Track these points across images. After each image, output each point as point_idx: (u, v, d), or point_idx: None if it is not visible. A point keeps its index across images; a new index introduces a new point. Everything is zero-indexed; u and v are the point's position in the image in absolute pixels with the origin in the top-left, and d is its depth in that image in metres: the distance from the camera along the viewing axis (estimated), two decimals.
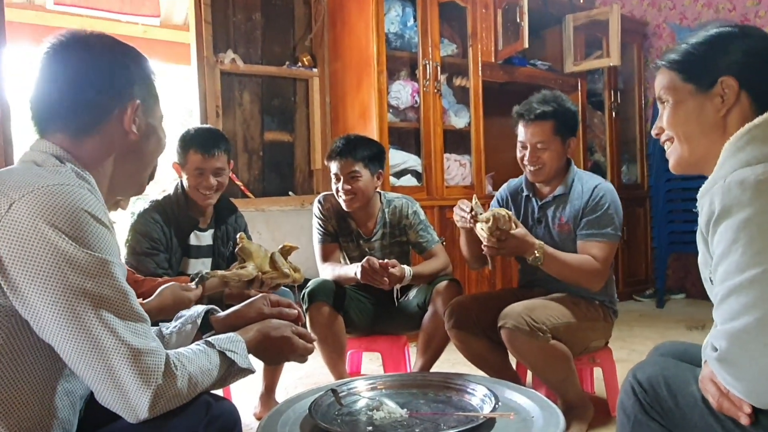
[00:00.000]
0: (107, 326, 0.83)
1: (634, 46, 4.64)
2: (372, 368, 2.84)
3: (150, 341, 0.88)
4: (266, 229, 3.46)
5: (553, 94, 2.05)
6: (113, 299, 0.84)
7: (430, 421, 1.38)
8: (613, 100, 4.46)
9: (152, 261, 1.98)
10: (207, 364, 0.94)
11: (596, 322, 2.02)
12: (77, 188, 0.85)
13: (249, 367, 1.02)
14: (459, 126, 3.66)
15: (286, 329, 1.16)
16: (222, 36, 3.46)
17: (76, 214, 0.82)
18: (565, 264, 1.93)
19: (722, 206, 0.90)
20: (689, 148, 1.07)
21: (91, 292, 0.82)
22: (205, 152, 2.05)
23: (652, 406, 1.02)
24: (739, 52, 1.01)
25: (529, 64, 4.01)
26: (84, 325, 0.82)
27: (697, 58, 1.05)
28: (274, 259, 1.74)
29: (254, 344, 1.09)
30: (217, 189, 2.10)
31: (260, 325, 1.14)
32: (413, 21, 3.48)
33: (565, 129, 2.02)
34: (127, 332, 0.85)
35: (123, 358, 0.83)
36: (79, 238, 0.82)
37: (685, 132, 1.06)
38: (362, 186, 2.26)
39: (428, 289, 2.28)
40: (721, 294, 0.90)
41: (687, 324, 3.60)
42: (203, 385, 0.93)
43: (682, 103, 1.06)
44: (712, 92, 1.03)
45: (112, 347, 0.83)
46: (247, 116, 3.57)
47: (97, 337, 0.82)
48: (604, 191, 2.00)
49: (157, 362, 0.86)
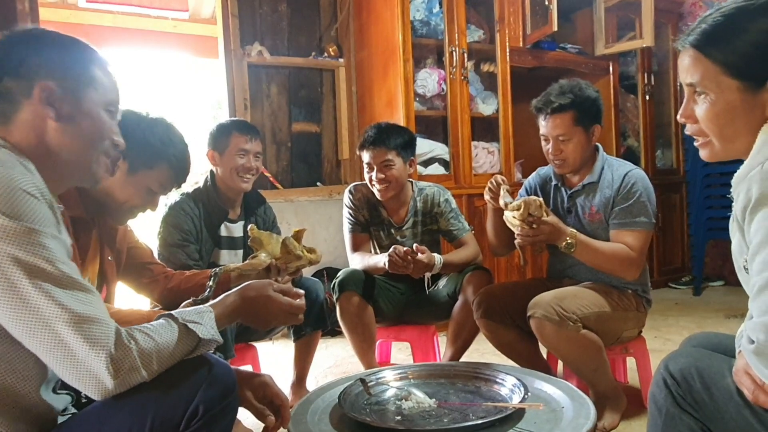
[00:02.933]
0: (46, 294, 0.83)
1: (668, 26, 4.49)
2: (401, 357, 2.86)
3: (96, 310, 0.86)
4: (295, 219, 3.49)
5: (570, 83, 1.99)
6: (49, 269, 0.84)
7: (458, 411, 1.38)
8: (647, 83, 4.34)
9: (183, 252, 2.03)
10: (166, 337, 0.93)
11: (628, 312, 1.98)
12: (10, 169, 0.87)
13: (213, 337, 0.99)
14: (487, 113, 3.62)
15: (267, 288, 1.14)
16: (249, 28, 3.48)
17: (6, 190, 0.84)
18: (598, 252, 1.89)
19: (760, 193, 0.86)
20: (731, 146, 0.99)
21: (25, 261, 0.82)
22: (249, 135, 2.18)
23: (685, 398, 0.99)
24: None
25: (559, 48, 3.93)
26: (21, 294, 0.82)
27: (742, 50, 0.94)
28: (285, 243, 1.76)
29: (234, 308, 1.09)
30: (255, 173, 2.19)
31: (238, 289, 1.13)
32: (439, 8, 3.44)
33: (586, 118, 1.97)
34: (69, 299, 0.84)
35: (66, 325, 0.83)
36: (9, 211, 0.83)
37: (728, 131, 0.98)
38: (396, 174, 2.28)
39: (458, 278, 2.27)
40: (759, 285, 0.87)
41: (725, 313, 3.50)
42: (163, 358, 0.91)
43: (726, 101, 0.96)
44: (762, 89, 0.94)
45: (53, 314, 0.82)
46: (274, 108, 3.60)
47: (37, 305, 0.82)
48: (636, 179, 1.95)
49: (106, 331, 0.85)
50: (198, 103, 4.03)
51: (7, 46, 0.97)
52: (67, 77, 0.99)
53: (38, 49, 0.98)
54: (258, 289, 1.14)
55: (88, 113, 1.02)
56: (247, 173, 2.15)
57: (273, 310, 1.14)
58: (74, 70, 1.01)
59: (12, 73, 0.96)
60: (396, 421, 1.35)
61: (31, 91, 0.96)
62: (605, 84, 4.14)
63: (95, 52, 1.05)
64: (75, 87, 1.00)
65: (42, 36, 1.01)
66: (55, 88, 0.97)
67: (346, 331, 2.26)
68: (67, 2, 3.66)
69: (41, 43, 0.99)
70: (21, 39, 0.98)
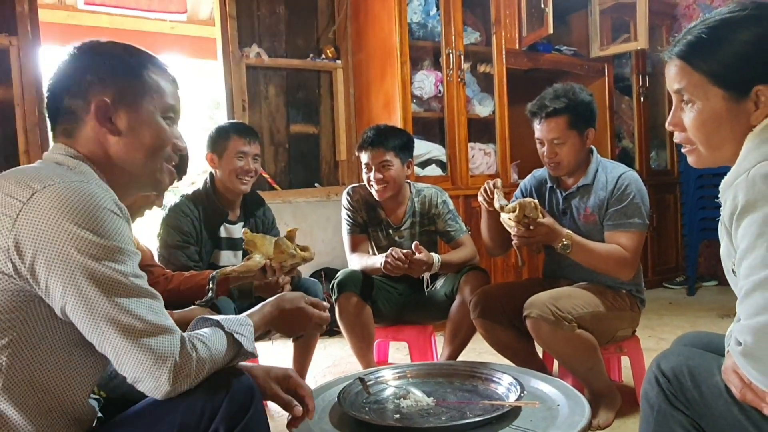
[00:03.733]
0: (119, 306, 0.87)
1: (662, 28, 4.53)
2: (399, 357, 2.88)
3: (165, 319, 0.92)
4: (293, 220, 3.51)
5: (564, 87, 2.02)
6: (125, 282, 0.89)
7: (456, 409, 1.40)
8: (641, 85, 4.37)
9: (183, 254, 2.05)
10: (219, 347, 0.98)
11: (623, 312, 2.02)
12: (95, 186, 0.90)
13: (254, 351, 1.05)
14: (483, 114, 3.65)
15: (300, 300, 1.23)
16: (247, 30, 3.50)
17: (92, 208, 0.87)
18: (593, 252, 1.93)
19: (746, 200, 0.89)
20: (718, 153, 1.02)
21: (107, 275, 0.87)
22: (247, 137, 2.20)
23: (676, 396, 1.02)
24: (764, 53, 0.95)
25: (555, 50, 3.96)
26: (96, 304, 0.86)
27: (724, 60, 0.97)
28: (279, 243, 1.81)
29: (270, 319, 1.17)
30: (254, 175, 2.21)
31: (274, 300, 1.20)
32: (436, 10, 3.47)
33: (580, 121, 2.00)
34: (143, 309, 0.89)
35: (136, 334, 0.88)
36: (95, 228, 0.86)
37: (714, 139, 1.01)
38: (394, 175, 2.31)
39: (456, 278, 2.30)
40: (746, 288, 0.90)
41: (718, 312, 3.53)
42: (213, 366, 0.96)
43: (711, 109, 0.99)
44: (746, 98, 0.97)
45: (125, 323, 0.87)
46: (272, 109, 3.62)
47: (115, 316, 0.87)
48: (629, 180, 1.98)
49: (173, 341, 0.91)
50: (196, 104, 4.05)
51: (67, 64, 1.00)
52: (121, 90, 1.00)
53: (92, 65, 0.99)
54: (292, 301, 1.22)
55: (146, 123, 1.03)
56: (245, 175, 2.18)
57: (303, 321, 1.23)
58: (127, 82, 1.01)
59: (71, 91, 0.98)
60: (395, 419, 1.37)
61: (89, 108, 0.98)
62: (600, 86, 4.18)
63: (150, 58, 1.05)
64: (130, 99, 1.01)
65: (96, 49, 1.02)
66: (110, 102, 0.99)
67: (344, 331, 2.28)
68: (65, 4, 3.67)
69: (95, 57, 1.01)
70: (77, 56, 1.00)
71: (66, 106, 0.99)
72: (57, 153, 0.99)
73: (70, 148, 0.99)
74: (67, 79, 0.99)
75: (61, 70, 1.00)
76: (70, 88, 0.99)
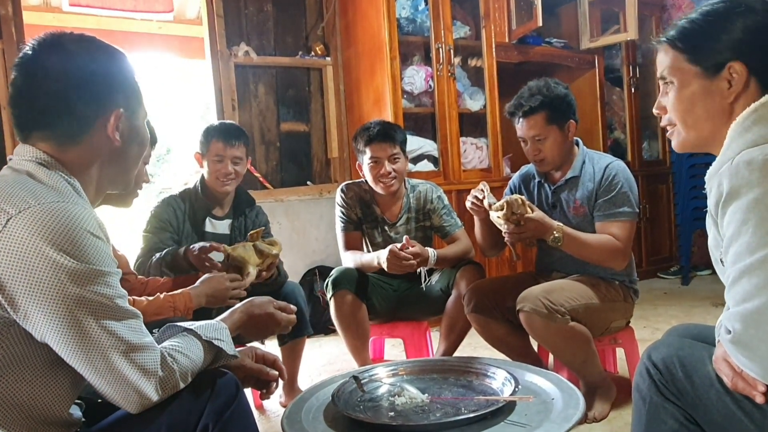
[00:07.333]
0: (105, 328, 0.87)
1: (652, 18, 4.53)
2: (394, 354, 2.88)
3: (144, 336, 0.93)
4: (286, 218, 3.50)
5: (539, 84, 2.03)
6: (108, 304, 0.88)
7: (450, 405, 1.40)
8: (632, 76, 4.38)
9: (155, 237, 2.12)
10: (197, 354, 1.00)
11: (616, 303, 2.02)
12: (72, 205, 0.87)
13: (235, 353, 1.08)
14: (474, 109, 3.64)
15: (269, 305, 1.26)
16: (234, 29, 3.48)
17: (72, 231, 0.84)
18: (585, 244, 1.93)
19: (731, 187, 0.89)
20: (695, 133, 1.05)
21: (89, 300, 0.86)
22: (226, 141, 2.19)
23: (668, 387, 1.02)
24: (741, 31, 0.97)
25: (545, 43, 3.95)
26: (84, 328, 0.86)
27: (703, 37, 1.01)
28: (258, 249, 1.85)
29: (240, 325, 1.20)
30: (234, 177, 2.21)
31: (243, 306, 1.23)
32: (424, 5, 3.45)
33: (558, 115, 2.01)
34: (124, 329, 0.90)
35: (122, 354, 0.88)
36: (76, 253, 0.84)
37: (690, 118, 1.04)
38: (402, 168, 2.35)
39: (451, 273, 2.30)
40: (733, 276, 0.90)
41: (712, 301, 3.55)
42: (194, 373, 0.99)
43: (687, 87, 1.03)
44: (719, 76, 1.00)
45: (110, 345, 0.87)
46: (262, 108, 3.60)
47: (98, 339, 0.87)
48: (616, 170, 1.99)
49: (154, 357, 0.92)
50: (186, 104, 4.01)
51: (68, 64, 0.94)
52: (133, 97, 1.01)
53: (119, 68, 0.99)
54: (261, 306, 1.25)
55: (138, 130, 1.03)
56: (224, 178, 2.19)
57: (272, 326, 1.27)
58: (135, 89, 1.01)
59: (87, 98, 0.95)
60: (389, 417, 1.37)
61: (106, 117, 0.96)
62: (591, 77, 4.18)
63: (127, 58, 1.03)
64: (136, 106, 1.02)
65: (106, 54, 0.99)
66: (125, 111, 0.99)
67: (339, 329, 2.27)
68: (50, 5, 3.63)
69: (119, 60, 1.00)
70: (84, 56, 0.95)
71: (75, 112, 0.94)
72: (28, 160, 0.94)
73: (43, 153, 0.94)
74: (80, 83, 0.94)
75: (61, 68, 0.93)
76: (87, 95, 0.94)
